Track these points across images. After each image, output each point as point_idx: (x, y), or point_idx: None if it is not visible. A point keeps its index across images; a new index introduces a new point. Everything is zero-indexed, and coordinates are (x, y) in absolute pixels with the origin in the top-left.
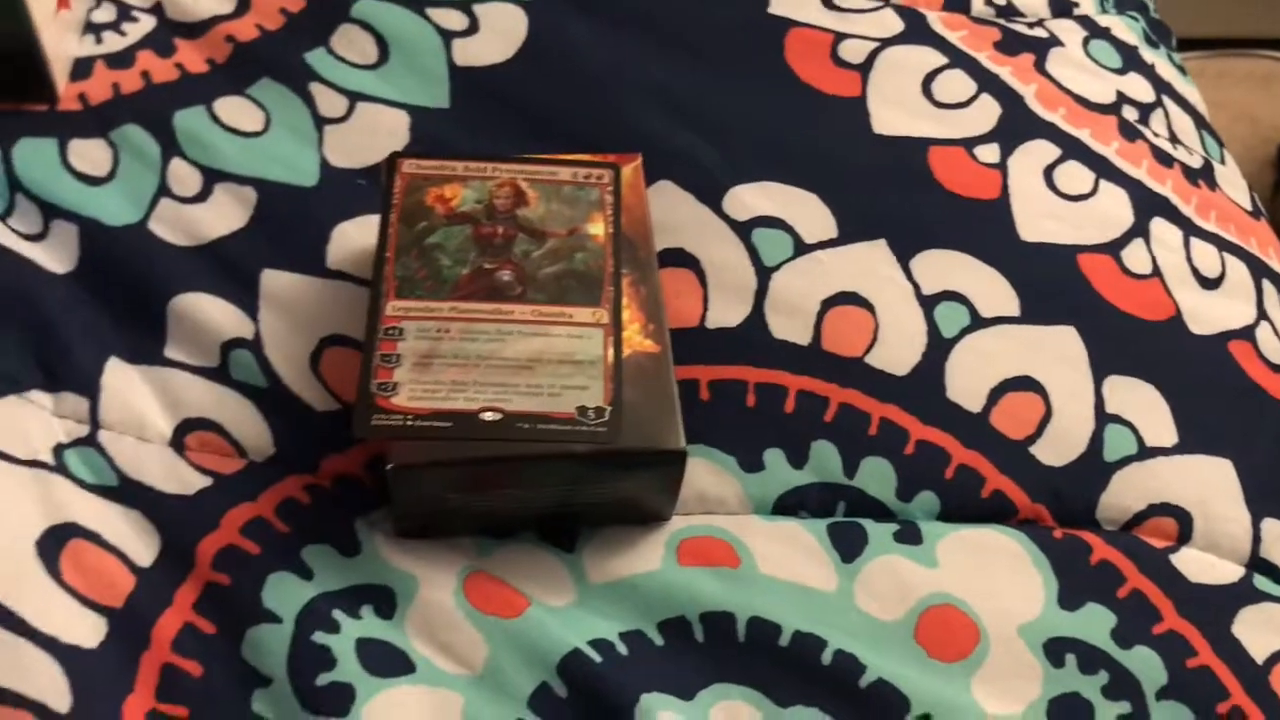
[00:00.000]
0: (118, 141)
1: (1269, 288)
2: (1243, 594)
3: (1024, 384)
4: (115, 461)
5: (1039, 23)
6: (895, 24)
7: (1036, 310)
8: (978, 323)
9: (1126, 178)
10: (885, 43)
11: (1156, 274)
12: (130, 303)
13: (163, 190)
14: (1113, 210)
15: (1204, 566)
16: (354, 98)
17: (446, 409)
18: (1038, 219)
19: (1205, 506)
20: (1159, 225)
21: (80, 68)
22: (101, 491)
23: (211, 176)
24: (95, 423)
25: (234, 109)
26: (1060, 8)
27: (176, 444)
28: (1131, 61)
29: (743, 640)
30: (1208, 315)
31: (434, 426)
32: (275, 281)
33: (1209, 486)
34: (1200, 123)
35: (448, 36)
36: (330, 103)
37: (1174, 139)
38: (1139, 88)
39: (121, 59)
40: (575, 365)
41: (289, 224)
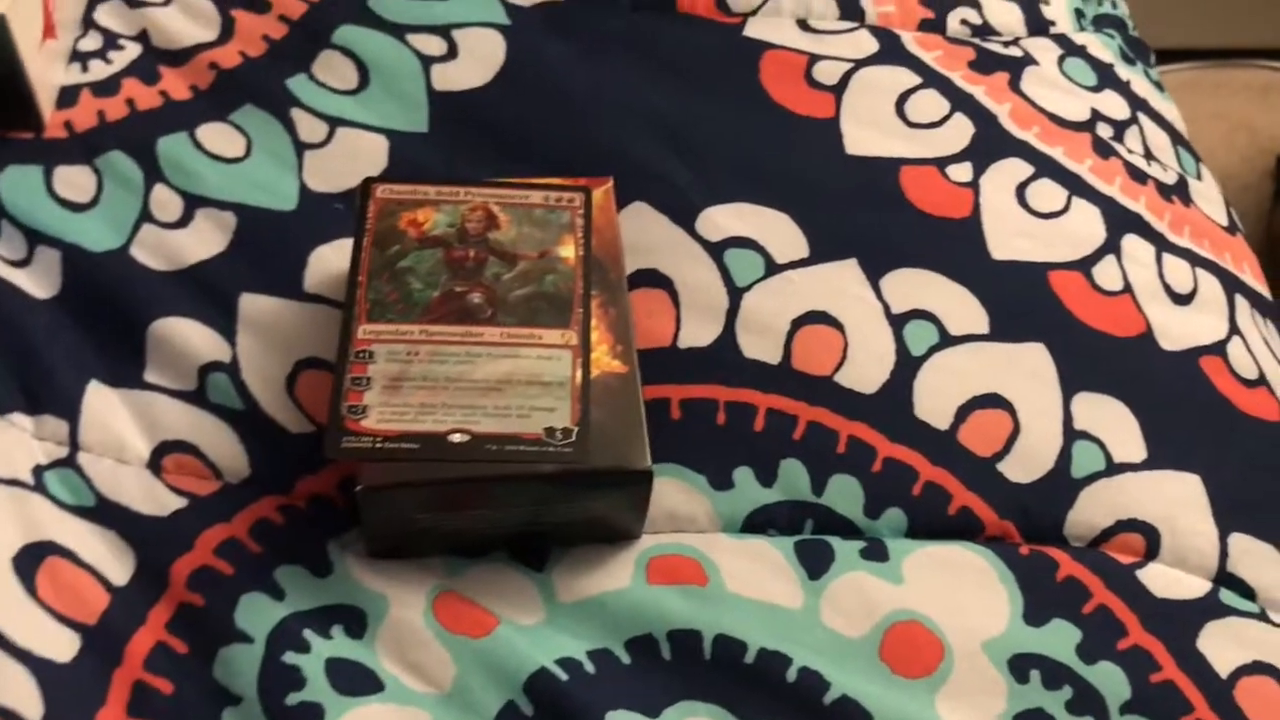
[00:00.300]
0: (102, 168)
1: (1241, 303)
2: (1209, 609)
3: (992, 401)
4: (93, 482)
5: (1014, 41)
6: (870, 45)
7: (1006, 328)
8: (946, 341)
9: (1099, 195)
10: (859, 64)
11: (1127, 290)
12: (111, 327)
13: (145, 216)
14: (1084, 227)
15: (1170, 581)
16: (334, 123)
17: (415, 431)
18: (1009, 237)
19: (1173, 522)
20: (1131, 242)
21: (66, 96)
22: (79, 511)
23: (193, 202)
24: (75, 445)
25: (216, 135)
26: (1036, 26)
27: (154, 466)
28: (1107, 79)
29: (709, 658)
30: (1179, 331)
31: (402, 448)
32: (253, 305)
33: (1177, 502)
34: (1176, 139)
35: (427, 62)
36: (311, 128)
37: (1148, 155)
38: (1114, 105)
39: (107, 87)
40: (543, 386)
41: (268, 248)
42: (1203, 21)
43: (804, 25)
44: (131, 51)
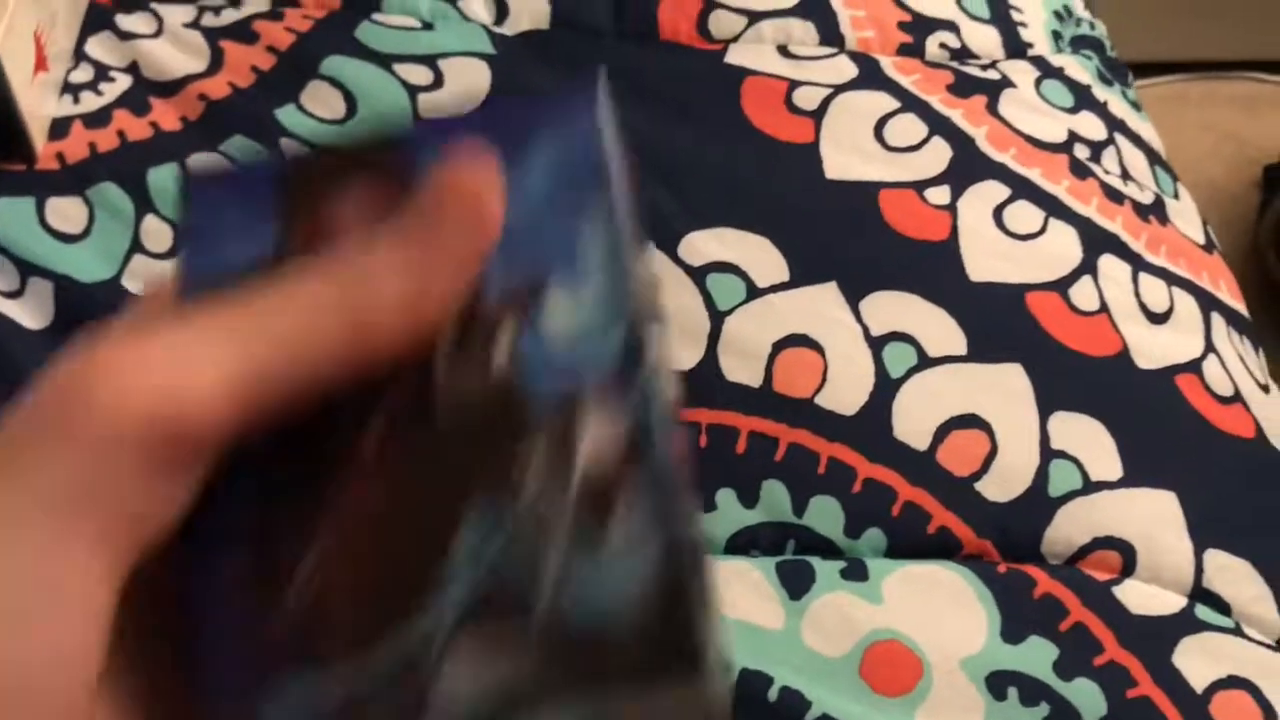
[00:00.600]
0: (94, 199)
1: (1218, 321)
2: (1184, 624)
3: (970, 421)
4: None
5: (992, 64)
6: (849, 70)
7: (983, 349)
8: (925, 362)
9: (1076, 215)
10: (839, 89)
11: (1104, 310)
12: None
13: (136, 246)
14: (1061, 248)
15: (1146, 598)
16: None
17: None
18: (986, 259)
19: (1148, 539)
20: (1107, 262)
21: (58, 127)
22: None
23: None
24: None
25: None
26: (1014, 49)
27: None
28: (1084, 100)
29: None
30: (1155, 350)
31: None
32: None
33: (1152, 519)
34: (1154, 159)
35: (413, 91)
36: None
37: (1125, 175)
38: (1091, 126)
39: (98, 118)
40: None
41: None
42: (1189, 34)
43: (784, 51)
44: (122, 83)
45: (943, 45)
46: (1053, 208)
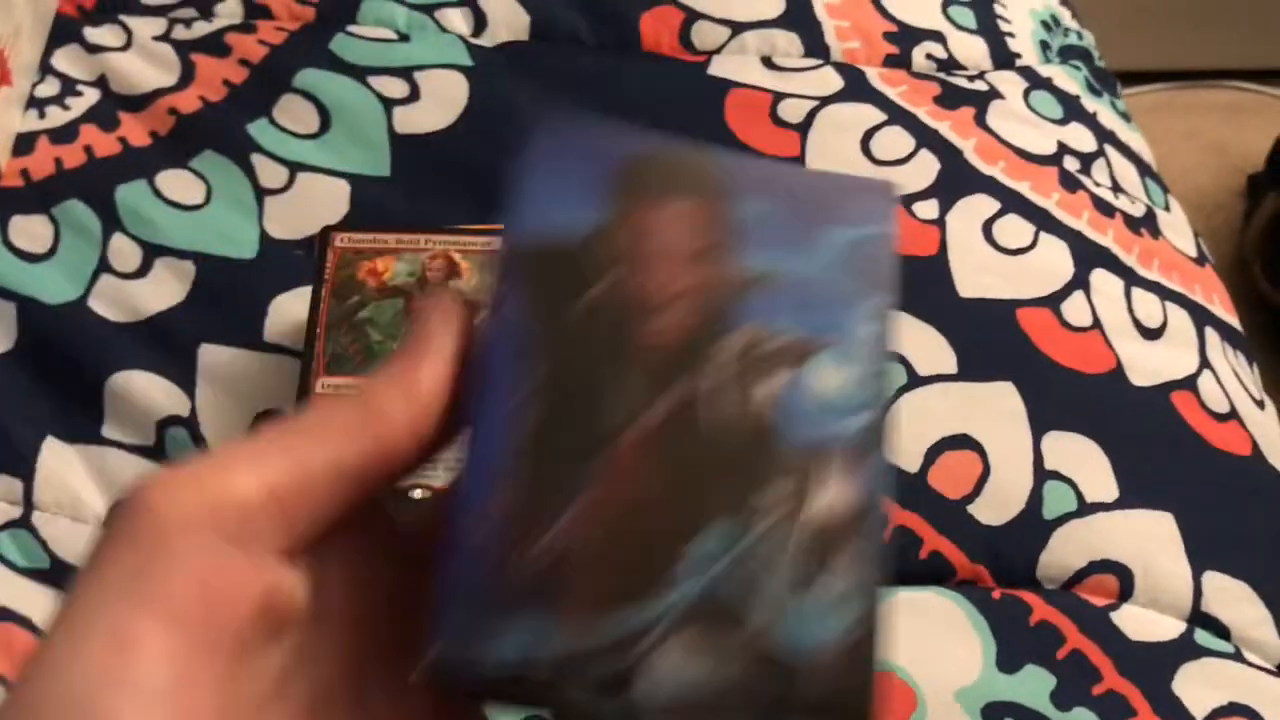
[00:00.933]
0: (59, 217)
1: (1212, 335)
2: (1183, 650)
3: (961, 442)
4: (48, 544)
5: (980, 75)
6: (835, 82)
7: (974, 367)
8: (915, 381)
9: (1067, 229)
10: (824, 101)
11: (1097, 326)
12: (68, 382)
13: (103, 266)
14: (1053, 263)
15: (1145, 623)
16: (295, 168)
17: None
18: (976, 274)
19: (1146, 562)
20: (1099, 276)
21: (23, 143)
22: (33, 574)
23: (152, 251)
24: (29, 504)
25: (176, 182)
26: (1002, 59)
27: None
28: (1073, 111)
29: None
30: (1149, 366)
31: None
32: (212, 356)
33: (1150, 541)
34: (1144, 170)
35: (389, 105)
36: (271, 173)
37: (1116, 188)
38: (1081, 138)
39: (65, 133)
40: None
41: (227, 297)
42: (1173, 43)
43: (769, 63)
44: (90, 97)
45: (929, 56)
46: (1043, 221)
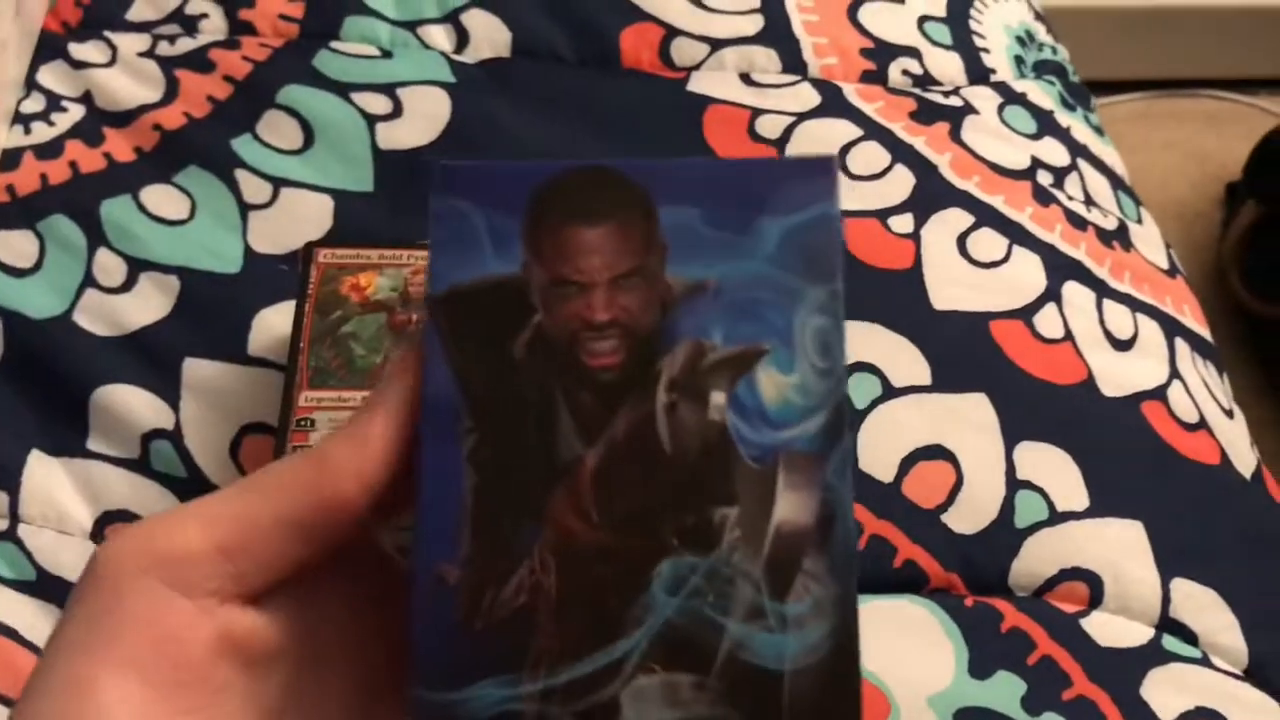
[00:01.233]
0: (44, 232)
1: (1182, 346)
2: (1152, 655)
3: (935, 453)
4: (34, 556)
5: (955, 91)
6: (812, 98)
7: (948, 378)
8: (889, 393)
9: (1039, 242)
10: (801, 117)
11: (1068, 337)
12: (54, 395)
13: (88, 281)
14: (1025, 275)
15: (1114, 630)
16: (278, 183)
17: None
18: (950, 287)
19: (1116, 569)
20: (1071, 288)
21: (8, 159)
22: (19, 586)
23: (136, 266)
24: (15, 517)
25: (160, 197)
26: (977, 75)
27: (96, 536)
28: (1047, 126)
29: None
30: (1120, 377)
31: None
32: (197, 370)
33: (1120, 549)
34: (1117, 183)
35: (372, 120)
36: (255, 189)
37: (1089, 201)
38: (1054, 152)
39: (50, 149)
40: None
41: (211, 312)
42: (1153, 52)
43: (747, 79)
44: (75, 113)
45: (905, 72)
46: (1016, 235)
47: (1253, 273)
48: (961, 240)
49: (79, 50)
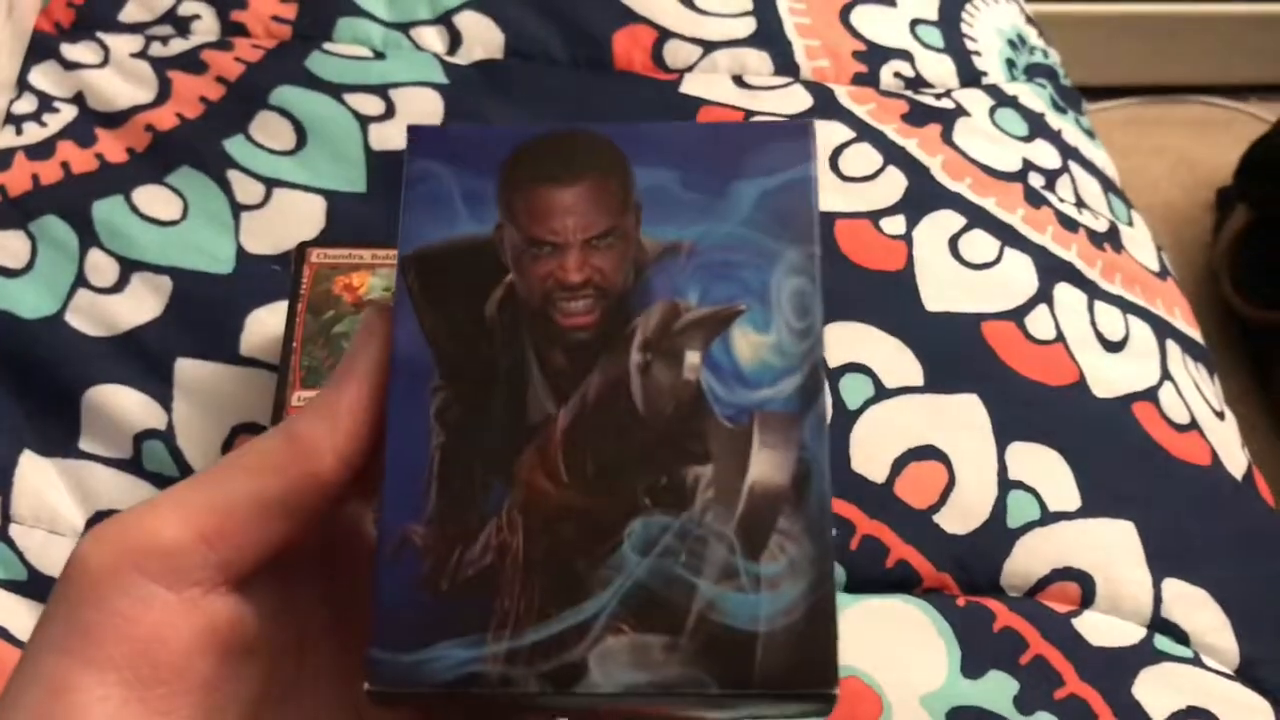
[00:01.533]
0: (36, 233)
1: (1173, 348)
2: (1143, 655)
3: (927, 453)
4: (25, 556)
5: (947, 93)
6: (805, 100)
7: (940, 379)
8: (882, 394)
9: (1031, 244)
10: (794, 119)
11: (1060, 339)
12: (46, 395)
13: (80, 281)
14: (1017, 277)
15: (1106, 629)
16: (271, 184)
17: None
18: (942, 288)
19: (1107, 569)
20: (1063, 290)
21: (0, 159)
22: (10, 587)
23: (129, 266)
24: (6, 516)
25: (152, 198)
26: (968, 77)
27: None
28: (1038, 128)
29: None
30: (1111, 378)
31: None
32: (189, 370)
33: (1111, 549)
34: (1108, 186)
35: (364, 121)
36: (248, 189)
37: (1080, 203)
38: (1045, 154)
39: (42, 150)
40: None
41: (204, 312)
42: (1143, 58)
43: (739, 81)
44: (67, 114)
45: (897, 74)
46: (1008, 236)
47: (1244, 277)
48: (953, 242)
49: (71, 51)
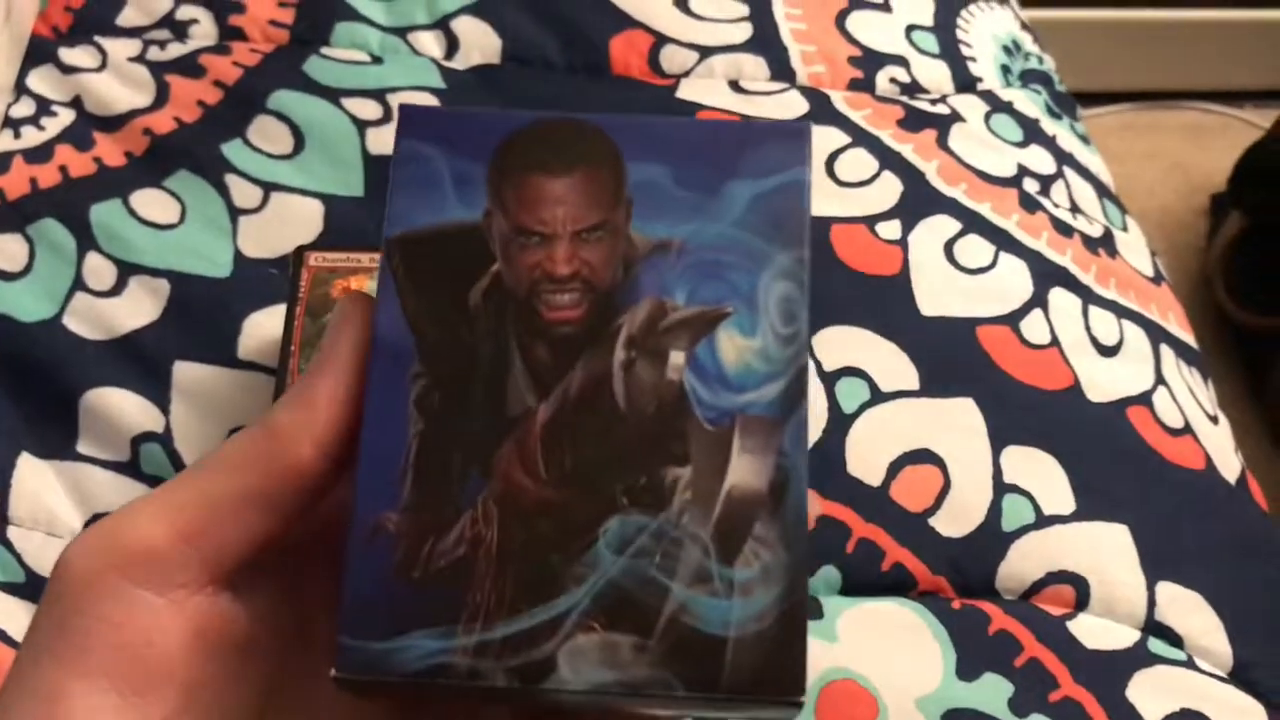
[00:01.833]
0: (34, 236)
1: (1167, 352)
2: (1137, 658)
3: (922, 457)
4: (23, 558)
5: (942, 99)
6: (801, 105)
7: (935, 383)
8: (877, 397)
9: (1026, 249)
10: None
11: (1055, 343)
12: (43, 398)
13: (78, 284)
14: (1012, 282)
15: (1100, 632)
16: (269, 188)
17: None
18: (938, 293)
19: (1102, 572)
20: (1058, 295)
21: None
22: (8, 589)
23: (126, 269)
24: (4, 518)
25: (150, 201)
26: (964, 83)
27: None
28: (1033, 134)
29: None
30: (1106, 383)
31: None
32: (187, 373)
33: (1106, 552)
34: (1102, 191)
35: (362, 126)
36: (245, 193)
37: (1074, 209)
38: (1040, 160)
39: (40, 153)
40: None
41: (201, 315)
42: (1137, 64)
43: (736, 86)
44: (65, 118)
45: (893, 80)
46: (1003, 241)
47: (1238, 283)
48: (949, 246)
49: (69, 55)
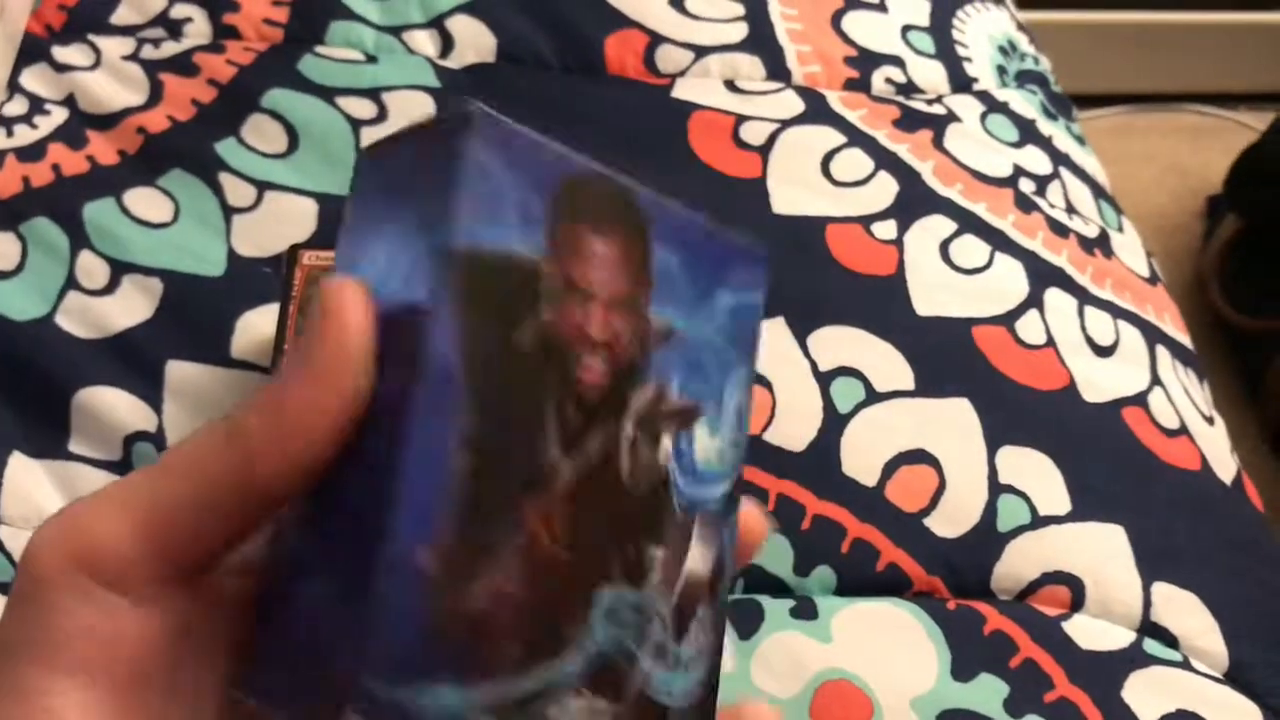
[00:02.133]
0: (27, 235)
1: (1163, 353)
2: (1133, 659)
3: (918, 457)
4: (14, 558)
5: (938, 99)
6: (796, 105)
7: (931, 383)
8: (873, 397)
9: (1022, 249)
10: (785, 124)
11: (1050, 344)
12: (35, 397)
13: (71, 283)
14: (1008, 282)
15: (1096, 633)
16: (263, 187)
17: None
18: (933, 293)
19: (1097, 573)
20: (1053, 295)
21: None
22: (1, 588)
23: (119, 268)
24: None
25: (144, 200)
26: (959, 84)
27: None
28: (1029, 134)
29: None
30: (1101, 383)
31: None
32: (179, 372)
33: (1101, 553)
34: (1098, 192)
35: (356, 125)
36: (239, 192)
37: (1070, 209)
38: (1036, 160)
39: (33, 152)
40: None
41: (194, 314)
42: (1134, 67)
43: (732, 86)
44: (58, 116)
45: (889, 80)
46: (999, 241)
47: (1233, 285)
48: (944, 247)
49: (62, 53)
